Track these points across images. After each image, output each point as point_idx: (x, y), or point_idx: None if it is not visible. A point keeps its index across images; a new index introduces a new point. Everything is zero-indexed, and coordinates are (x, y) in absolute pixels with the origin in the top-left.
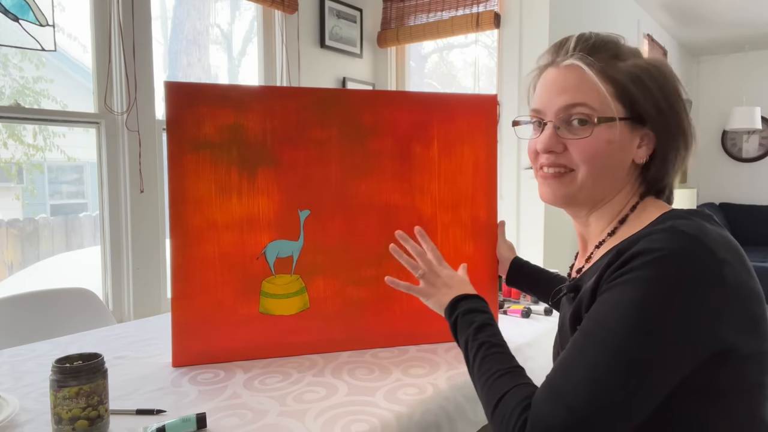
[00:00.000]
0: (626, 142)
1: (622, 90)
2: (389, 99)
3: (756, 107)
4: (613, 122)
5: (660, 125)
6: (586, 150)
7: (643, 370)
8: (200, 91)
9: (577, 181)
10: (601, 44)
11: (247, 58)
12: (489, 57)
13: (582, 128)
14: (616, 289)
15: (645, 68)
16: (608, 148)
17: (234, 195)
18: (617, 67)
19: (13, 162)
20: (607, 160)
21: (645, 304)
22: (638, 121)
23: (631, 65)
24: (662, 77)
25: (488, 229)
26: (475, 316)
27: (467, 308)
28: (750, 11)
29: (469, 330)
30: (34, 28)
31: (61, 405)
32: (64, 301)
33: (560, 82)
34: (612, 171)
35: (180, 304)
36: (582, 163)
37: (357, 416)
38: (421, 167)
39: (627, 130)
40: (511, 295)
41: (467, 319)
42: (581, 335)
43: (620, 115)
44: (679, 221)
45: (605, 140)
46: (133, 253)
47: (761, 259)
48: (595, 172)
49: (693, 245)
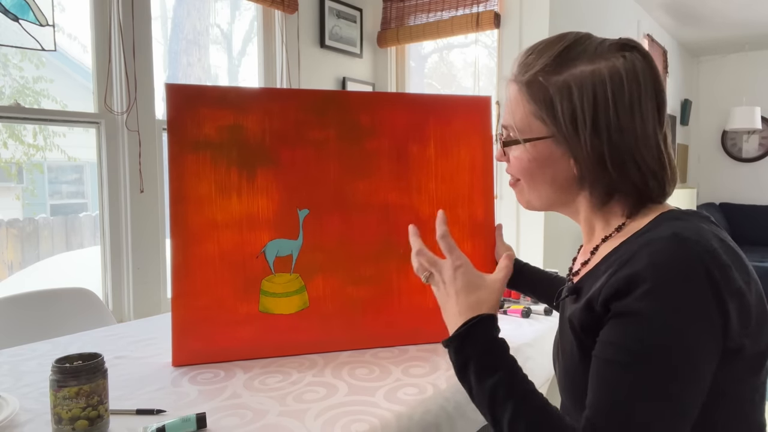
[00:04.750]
0: (554, 158)
1: (546, 107)
2: (386, 100)
3: (756, 107)
4: (533, 141)
5: (573, 143)
6: (515, 166)
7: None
8: (200, 92)
9: (524, 190)
10: (543, 53)
11: (247, 58)
12: (489, 57)
13: (509, 148)
14: (634, 319)
15: (584, 78)
16: (533, 165)
17: (234, 194)
18: (550, 80)
19: (13, 162)
20: (538, 174)
21: (665, 332)
22: (561, 137)
23: (570, 75)
24: (604, 88)
25: (486, 229)
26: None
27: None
28: (750, 11)
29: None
30: (34, 28)
31: (61, 405)
32: (64, 301)
33: (506, 99)
34: (549, 183)
35: (180, 303)
36: (518, 175)
37: (357, 416)
38: (419, 167)
39: (553, 146)
40: (511, 296)
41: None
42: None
43: (541, 134)
44: (678, 224)
45: (528, 158)
46: (133, 253)
47: (761, 259)
48: (532, 184)
49: (697, 252)
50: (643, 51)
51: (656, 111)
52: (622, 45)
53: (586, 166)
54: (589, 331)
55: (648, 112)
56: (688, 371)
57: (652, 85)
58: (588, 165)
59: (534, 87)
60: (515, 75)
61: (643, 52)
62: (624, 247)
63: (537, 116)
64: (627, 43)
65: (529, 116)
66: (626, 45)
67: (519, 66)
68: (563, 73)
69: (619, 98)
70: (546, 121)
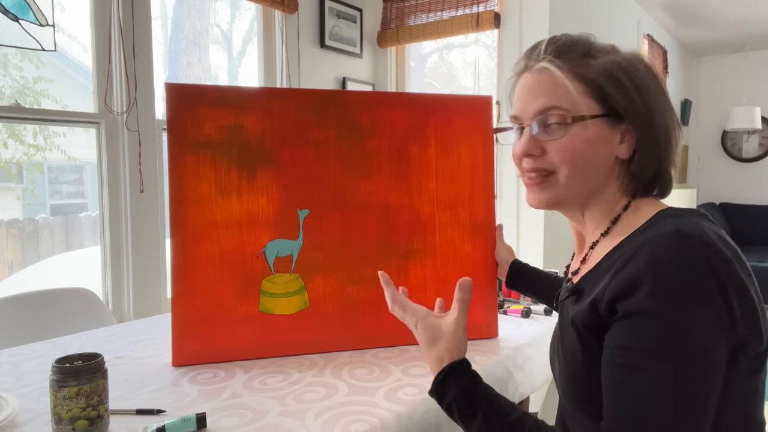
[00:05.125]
0: (605, 139)
1: (594, 87)
2: (386, 100)
3: (756, 107)
4: (587, 120)
5: (637, 119)
6: (564, 150)
7: (702, 392)
8: (200, 92)
9: (559, 182)
10: (570, 44)
11: (247, 58)
12: (489, 57)
13: (557, 129)
14: (643, 319)
15: (617, 63)
16: (586, 147)
17: (234, 194)
18: (589, 65)
19: (13, 162)
20: (587, 158)
21: (676, 330)
22: (615, 117)
23: (603, 62)
24: (635, 71)
25: (486, 228)
26: (470, 406)
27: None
28: (750, 11)
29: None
30: (34, 28)
31: (61, 405)
32: (64, 301)
33: (533, 87)
34: (594, 169)
35: (180, 303)
36: (562, 164)
37: (357, 416)
38: (419, 167)
39: (605, 127)
40: (512, 296)
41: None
42: (634, 375)
43: (595, 112)
44: (679, 220)
45: (582, 139)
46: (133, 253)
47: (761, 259)
48: (576, 172)
49: (701, 248)
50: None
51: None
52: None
53: (641, 144)
54: (595, 332)
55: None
56: (703, 367)
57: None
58: (642, 143)
59: (581, 68)
60: (551, 59)
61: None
62: (626, 244)
63: (589, 95)
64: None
65: (581, 96)
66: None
67: (554, 50)
68: (599, 59)
69: (655, 80)
70: (599, 98)
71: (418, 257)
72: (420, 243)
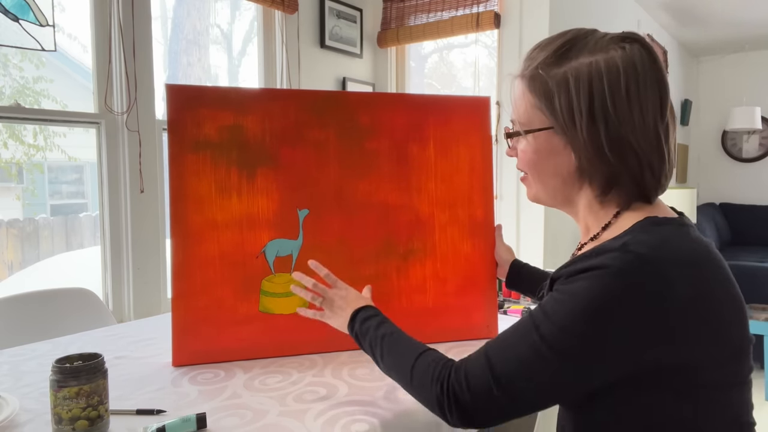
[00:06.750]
0: (554, 149)
1: (547, 99)
2: (385, 100)
3: (756, 107)
4: (538, 132)
5: (572, 133)
6: (521, 159)
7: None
8: (200, 93)
9: (532, 183)
10: (546, 48)
11: (247, 58)
12: (489, 57)
13: (517, 140)
14: (566, 291)
15: (581, 70)
16: (536, 157)
17: (234, 194)
18: (550, 72)
19: (13, 162)
20: (542, 166)
21: (582, 311)
22: (560, 128)
23: (569, 67)
24: (607, 75)
25: (485, 228)
26: (372, 320)
27: (364, 317)
28: (750, 11)
29: (370, 333)
30: (34, 28)
31: (61, 405)
32: (64, 301)
33: (511, 96)
34: (551, 176)
35: (180, 303)
36: (525, 169)
37: (357, 416)
38: (418, 167)
39: (554, 138)
40: (512, 296)
41: (366, 326)
42: (528, 318)
43: (544, 125)
44: (639, 236)
45: (533, 149)
46: (133, 253)
47: (761, 260)
48: (538, 177)
49: (638, 265)
50: (644, 43)
51: (658, 102)
52: (623, 37)
53: (585, 156)
54: None
55: (648, 103)
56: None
57: (654, 77)
58: (586, 155)
59: (535, 80)
60: (521, 70)
61: (644, 44)
62: (594, 249)
63: (537, 108)
64: (628, 36)
65: (530, 109)
66: (627, 38)
67: (524, 61)
68: (563, 66)
69: (615, 89)
70: (545, 112)
71: (418, 257)
72: (419, 243)
